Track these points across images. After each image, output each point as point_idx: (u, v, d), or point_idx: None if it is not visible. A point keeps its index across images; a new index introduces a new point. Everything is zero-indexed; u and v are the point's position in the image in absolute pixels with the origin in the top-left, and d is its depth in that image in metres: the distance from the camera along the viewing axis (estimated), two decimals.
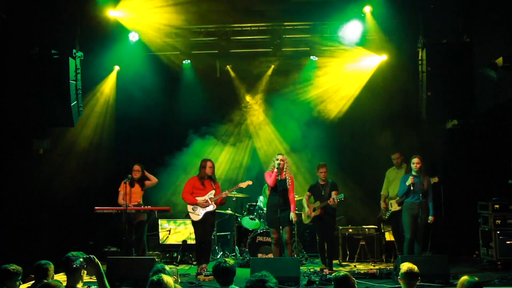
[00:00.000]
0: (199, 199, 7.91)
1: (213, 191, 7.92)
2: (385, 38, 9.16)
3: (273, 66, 10.02)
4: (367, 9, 8.64)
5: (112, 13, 8.51)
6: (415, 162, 7.56)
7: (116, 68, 9.99)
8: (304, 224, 8.95)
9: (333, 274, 4.17)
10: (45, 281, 4.13)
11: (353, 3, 8.55)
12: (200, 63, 10.01)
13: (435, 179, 7.80)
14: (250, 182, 8.04)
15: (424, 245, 7.81)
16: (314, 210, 8.07)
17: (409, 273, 4.48)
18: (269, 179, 7.62)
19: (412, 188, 7.45)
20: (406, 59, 9.01)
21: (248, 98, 10.36)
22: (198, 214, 7.85)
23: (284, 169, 7.62)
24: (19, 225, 8.71)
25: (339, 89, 9.98)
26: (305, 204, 8.17)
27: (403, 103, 9.45)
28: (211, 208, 7.85)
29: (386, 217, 8.47)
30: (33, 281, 4.62)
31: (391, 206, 8.34)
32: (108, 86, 10.01)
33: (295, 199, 7.74)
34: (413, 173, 7.60)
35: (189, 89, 10.13)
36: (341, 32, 9.08)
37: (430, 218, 7.54)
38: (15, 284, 4.45)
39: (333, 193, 7.92)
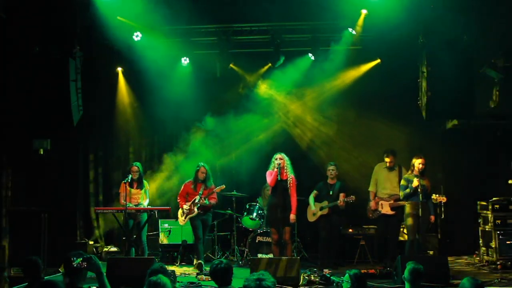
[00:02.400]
0: (185, 206, 8.14)
1: (197, 197, 8.08)
2: (385, 38, 9.17)
3: (269, 64, 10.00)
4: (364, 11, 8.65)
5: (114, 13, 8.51)
6: (421, 163, 7.56)
7: (119, 69, 10.01)
8: (305, 224, 8.96)
9: (347, 272, 4.21)
10: (46, 278, 4.13)
11: (352, 3, 8.54)
12: (201, 63, 10.00)
13: (443, 198, 7.67)
14: (223, 187, 8.32)
15: (425, 245, 7.81)
16: (321, 209, 8.11)
17: (414, 273, 4.48)
18: (269, 178, 7.63)
19: (418, 190, 7.44)
20: (406, 59, 9.01)
21: (257, 89, 10.34)
22: (183, 219, 8.17)
23: (285, 169, 7.63)
24: (19, 225, 8.71)
25: (338, 89, 9.97)
26: (312, 202, 8.21)
27: (403, 103, 9.44)
28: (192, 213, 8.07)
29: (374, 217, 8.36)
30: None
31: (382, 208, 8.15)
32: (121, 90, 10.04)
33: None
34: (415, 173, 7.60)
35: (191, 88, 10.14)
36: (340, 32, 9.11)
37: (431, 217, 7.55)
38: (3, 280, 4.49)
39: (341, 195, 7.99)
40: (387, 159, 8.20)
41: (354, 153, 9.89)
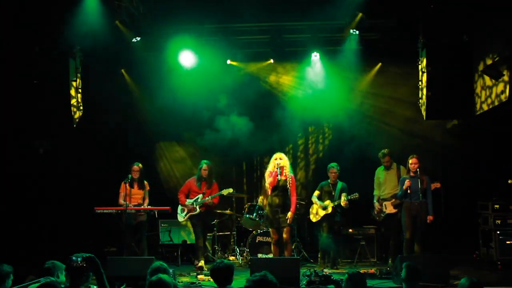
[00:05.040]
0: (188, 201, 8.09)
1: (200, 195, 8.04)
2: (385, 37, 9.18)
3: (271, 60, 9.99)
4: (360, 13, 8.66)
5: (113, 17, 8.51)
6: (413, 163, 7.59)
7: (122, 70, 10.01)
8: (305, 224, 8.97)
9: (347, 272, 4.22)
10: (43, 280, 4.13)
11: (352, 3, 8.54)
12: (201, 63, 10.00)
13: (437, 184, 7.68)
14: (230, 190, 8.33)
15: (425, 245, 7.81)
16: (324, 208, 8.13)
17: (411, 272, 4.47)
18: (269, 179, 7.63)
19: (409, 191, 7.47)
20: (406, 59, 9.01)
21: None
22: (183, 216, 8.17)
23: (284, 169, 7.62)
24: (19, 225, 8.71)
25: (338, 89, 9.96)
26: (315, 201, 8.24)
27: (403, 103, 9.44)
28: (194, 211, 8.05)
29: (381, 219, 8.41)
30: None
31: (386, 208, 8.22)
32: (121, 90, 10.03)
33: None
34: (411, 173, 7.61)
35: (191, 88, 10.14)
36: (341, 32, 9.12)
37: (429, 217, 7.54)
38: (7, 283, 4.50)
39: (343, 194, 8.01)
40: (383, 160, 8.32)
41: (353, 153, 9.85)
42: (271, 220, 7.68)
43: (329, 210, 8.10)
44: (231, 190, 8.37)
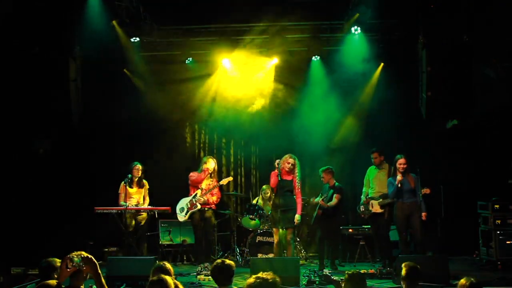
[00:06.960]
0: (186, 199, 7.98)
1: (198, 191, 7.90)
2: (385, 38, 9.18)
3: (273, 59, 10.00)
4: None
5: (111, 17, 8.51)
6: (402, 163, 7.51)
7: (124, 70, 10.03)
8: (305, 224, 8.97)
9: (346, 272, 4.21)
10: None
11: (352, 3, 8.55)
12: (201, 63, 10.02)
13: (426, 190, 7.59)
14: (230, 178, 8.24)
15: (424, 245, 7.81)
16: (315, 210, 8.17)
17: (411, 272, 4.46)
18: (271, 179, 7.62)
19: (400, 185, 7.41)
20: (406, 59, 9.01)
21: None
22: (183, 215, 7.92)
23: (293, 171, 7.57)
24: (19, 225, 8.71)
25: (338, 88, 9.96)
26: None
27: (403, 102, 9.44)
28: (194, 208, 7.87)
29: (366, 216, 8.37)
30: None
31: (372, 207, 8.13)
32: (121, 89, 10.01)
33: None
34: (398, 173, 7.58)
35: (191, 88, 10.14)
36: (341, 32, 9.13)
37: (423, 214, 7.49)
38: None
39: (335, 196, 8.01)
40: (371, 156, 8.25)
41: (353, 154, 9.86)
42: (273, 221, 7.67)
43: (317, 212, 8.12)
44: (230, 178, 8.25)
